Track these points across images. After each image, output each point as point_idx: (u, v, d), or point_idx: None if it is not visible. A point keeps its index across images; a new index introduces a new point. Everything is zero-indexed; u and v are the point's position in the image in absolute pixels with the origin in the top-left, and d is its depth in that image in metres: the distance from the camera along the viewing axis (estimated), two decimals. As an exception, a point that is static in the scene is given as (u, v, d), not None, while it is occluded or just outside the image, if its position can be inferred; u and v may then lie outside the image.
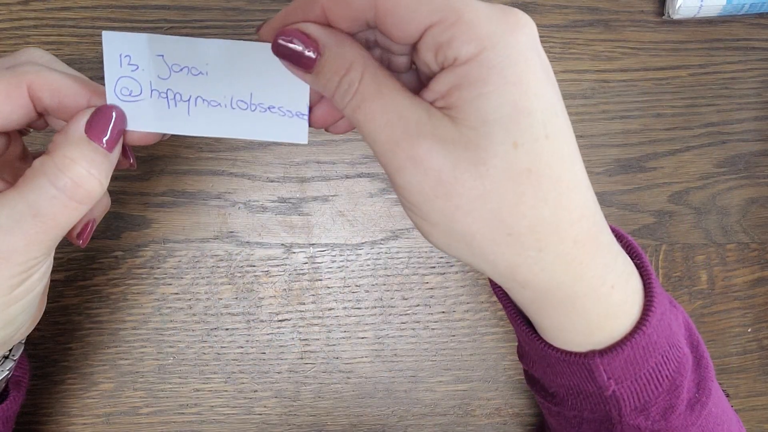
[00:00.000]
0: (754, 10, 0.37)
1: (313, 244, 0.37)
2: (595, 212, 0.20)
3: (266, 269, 0.37)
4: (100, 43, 0.36)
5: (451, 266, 0.37)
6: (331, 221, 0.37)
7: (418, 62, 0.21)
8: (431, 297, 0.37)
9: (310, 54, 0.19)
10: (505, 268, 0.20)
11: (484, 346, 0.38)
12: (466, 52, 0.18)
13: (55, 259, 0.36)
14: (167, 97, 0.22)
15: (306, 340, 0.37)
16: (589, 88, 0.38)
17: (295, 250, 0.37)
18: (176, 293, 0.37)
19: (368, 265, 0.37)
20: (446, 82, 0.18)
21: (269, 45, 0.20)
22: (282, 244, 0.37)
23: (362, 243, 0.37)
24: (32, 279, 0.22)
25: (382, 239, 0.37)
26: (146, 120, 0.22)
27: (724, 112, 0.39)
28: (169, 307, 0.37)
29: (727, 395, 0.33)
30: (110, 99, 0.22)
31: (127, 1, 0.35)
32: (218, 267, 0.37)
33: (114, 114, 0.21)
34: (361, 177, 0.37)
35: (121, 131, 0.22)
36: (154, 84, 0.22)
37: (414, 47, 0.20)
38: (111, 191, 0.36)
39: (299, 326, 0.37)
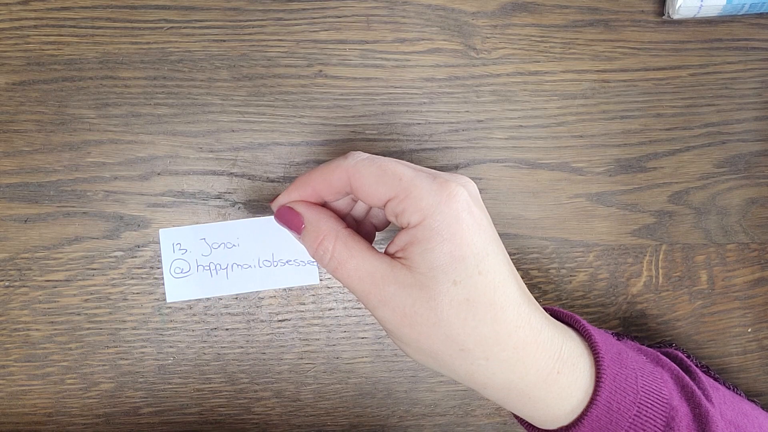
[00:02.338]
0: (754, 10, 0.37)
1: (313, 244, 0.37)
2: (530, 319, 0.25)
3: (266, 269, 0.37)
4: (100, 43, 0.37)
5: (451, 266, 0.37)
6: (331, 221, 0.37)
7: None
8: (431, 297, 0.37)
9: (297, 223, 0.27)
10: (464, 375, 0.26)
11: (484, 346, 0.38)
12: (414, 220, 0.25)
13: (54, 259, 0.36)
14: (210, 269, 0.29)
15: (306, 340, 0.37)
16: (589, 88, 0.38)
17: (295, 250, 0.37)
18: (176, 293, 0.37)
19: (368, 265, 0.37)
20: (403, 240, 0.25)
21: None
22: (282, 244, 0.37)
23: (362, 243, 0.37)
24: None
25: (382, 239, 0.37)
26: (194, 290, 0.29)
27: (724, 112, 0.39)
28: (169, 307, 0.37)
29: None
30: (167, 279, 0.29)
31: (127, 1, 0.35)
32: (218, 267, 0.37)
33: None
34: (361, 177, 0.37)
35: None
36: (199, 260, 0.29)
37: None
38: (111, 191, 0.36)
39: (299, 326, 0.37)
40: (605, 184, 0.38)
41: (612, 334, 0.35)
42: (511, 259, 0.38)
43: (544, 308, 0.28)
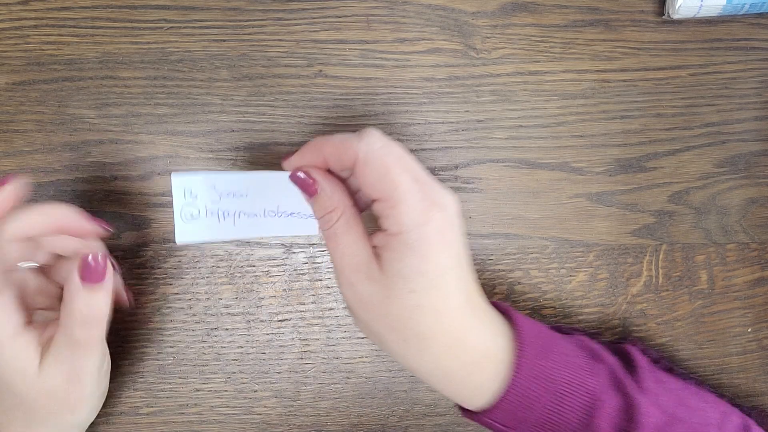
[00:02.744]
0: (754, 10, 0.37)
1: (313, 244, 0.37)
2: (467, 323, 0.29)
3: (266, 269, 0.37)
4: (100, 43, 0.36)
5: (451, 266, 0.37)
6: (331, 221, 0.37)
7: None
8: (431, 297, 0.37)
9: (312, 189, 0.29)
10: (401, 359, 0.30)
11: (484, 346, 0.38)
12: (393, 230, 0.28)
13: (55, 259, 0.36)
14: (218, 215, 0.30)
15: (306, 340, 0.37)
16: (589, 88, 0.38)
17: (295, 250, 0.37)
18: (176, 293, 0.37)
19: (368, 265, 0.37)
20: (380, 241, 0.28)
21: (288, 173, 0.30)
22: (282, 244, 0.37)
23: (362, 243, 0.37)
24: (106, 362, 0.32)
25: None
26: (202, 233, 0.30)
27: (724, 112, 0.39)
28: (169, 307, 0.37)
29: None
30: (177, 222, 0.30)
31: (127, 1, 0.35)
32: (218, 267, 0.37)
33: (98, 258, 0.28)
34: (361, 177, 0.37)
35: (106, 258, 0.29)
36: (208, 207, 0.30)
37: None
38: (111, 191, 0.36)
39: (299, 326, 0.37)
40: (605, 184, 0.38)
41: (570, 329, 0.35)
42: (511, 259, 0.38)
43: (492, 302, 0.31)
